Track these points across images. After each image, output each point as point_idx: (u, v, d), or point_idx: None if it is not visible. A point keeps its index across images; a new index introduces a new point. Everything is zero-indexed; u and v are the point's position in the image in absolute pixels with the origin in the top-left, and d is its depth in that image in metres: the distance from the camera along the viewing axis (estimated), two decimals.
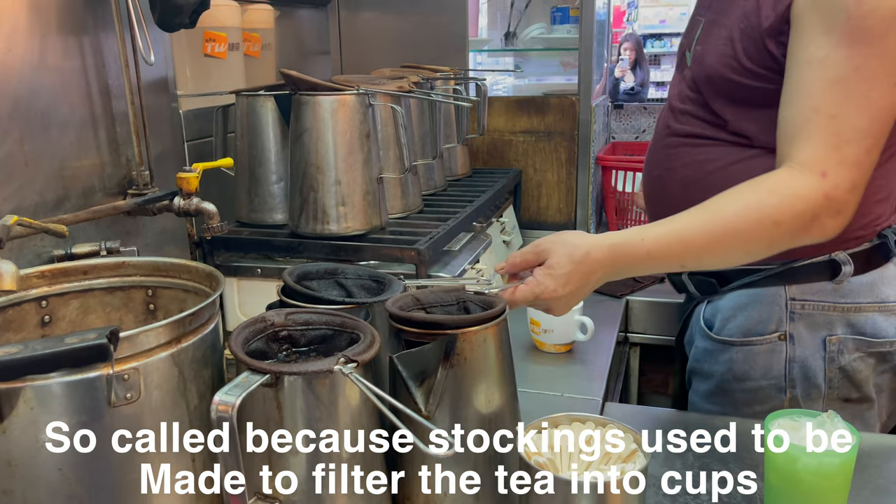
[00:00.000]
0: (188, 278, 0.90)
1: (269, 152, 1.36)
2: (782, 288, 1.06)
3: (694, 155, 1.08)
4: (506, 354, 0.85)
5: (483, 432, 0.79)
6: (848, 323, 1.05)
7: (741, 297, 1.10)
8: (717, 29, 1.03)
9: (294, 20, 1.96)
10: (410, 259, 1.21)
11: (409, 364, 0.77)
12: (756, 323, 1.08)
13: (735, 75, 0.99)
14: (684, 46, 1.16)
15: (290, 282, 0.95)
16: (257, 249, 1.33)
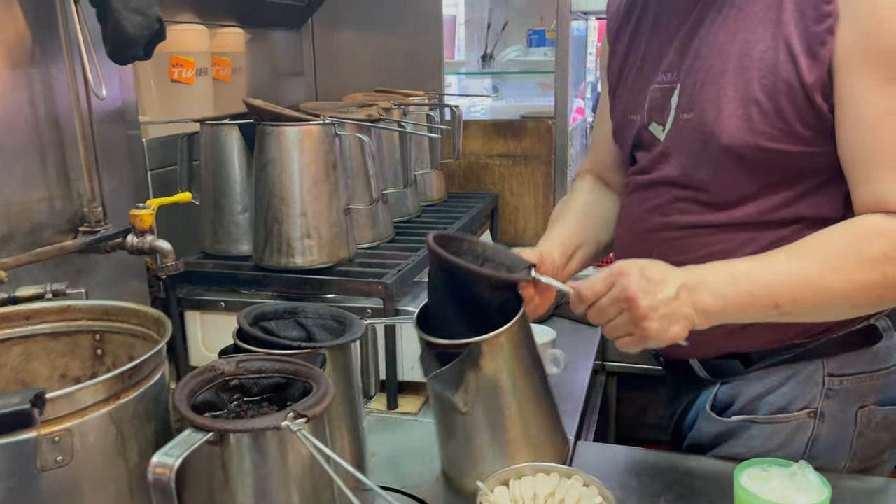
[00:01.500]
0: (137, 323, 0.86)
1: (234, 182, 1.33)
2: (820, 363, 0.97)
3: (710, 243, 0.96)
4: (527, 347, 0.92)
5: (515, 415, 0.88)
6: (879, 390, 0.98)
7: (773, 376, 1.00)
8: (715, 87, 0.91)
9: (266, 43, 1.94)
10: (377, 293, 1.18)
11: (443, 379, 0.87)
12: (788, 401, 0.99)
13: (771, 142, 0.88)
14: (636, 122, 1.02)
15: (245, 325, 0.91)
16: (221, 283, 1.29)
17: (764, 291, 0.81)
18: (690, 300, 0.81)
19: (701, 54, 0.94)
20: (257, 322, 0.97)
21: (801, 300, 0.81)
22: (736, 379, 1.03)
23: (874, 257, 0.80)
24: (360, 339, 0.94)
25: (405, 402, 1.24)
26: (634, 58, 1.06)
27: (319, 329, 0.99)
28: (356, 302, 1.23)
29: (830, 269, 0.81)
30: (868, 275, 0.81)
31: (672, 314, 0.81)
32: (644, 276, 0.81)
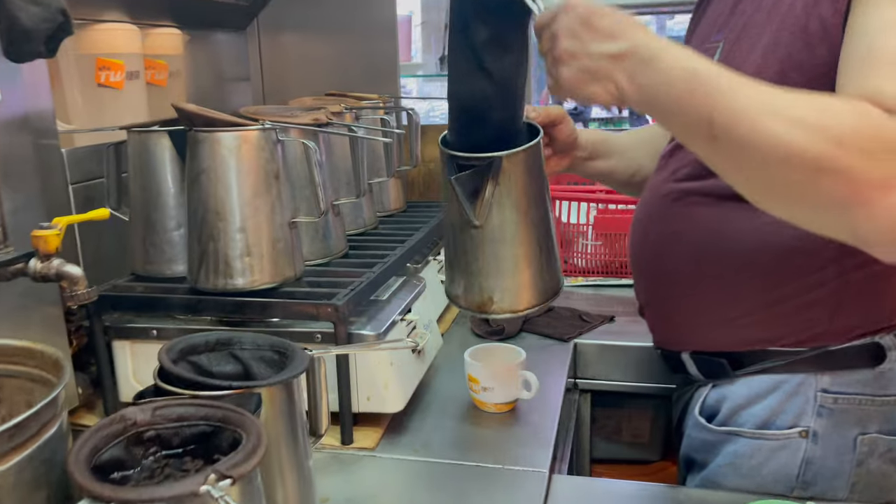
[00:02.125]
0: (34, 365, 0.73)
1: (166, 196, 1.20)
2: (812, 376, 0.90)
3: (711, 217, 0.92)
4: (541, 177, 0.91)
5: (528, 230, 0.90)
6: (886, 419, 0.90)
7: (760, 383, 0.93)
8: (750, 41, 0.87)
9: (208, 45, 1.80)
10: (326, 316, 1.06)
11: (463, 183, 0.87)
12: (774, 414, 0.92)
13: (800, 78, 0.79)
14: None
15: (167, 362, 0.79)
16: (153, 308, 1.15)
17: (710, 98, 0.70)
18: (632, 69, 0.73)
19: (744, 10, 0.90)
20: (184, 357, 0.84)
21: (736, 127, 0.69)
22: (722, 382, 0.97)
23: (843, 126, 0.67)
24: (306, 371, 0.82)
25: (361, 436, 1.12)
26: (697, 26, 1.04)
27: (258, 362, 0.87)
28: (304, 326, 1.10)
29: (786, 110, 0.68)
30: (821, 138, 0.66)
31: (598, 72, 0.74)
32: (585, 20, 0.73)
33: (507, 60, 0.82)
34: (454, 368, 1.36)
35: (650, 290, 1.07)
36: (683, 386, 1.08)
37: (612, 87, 0.74)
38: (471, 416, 1.21)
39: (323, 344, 1.09)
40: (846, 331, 0.88)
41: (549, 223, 0.94)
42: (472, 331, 1.57)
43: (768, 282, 0.90)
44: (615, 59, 0.73)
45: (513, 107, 0.85)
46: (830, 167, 0.66)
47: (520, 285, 0.92)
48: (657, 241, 1.01)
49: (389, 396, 1.12)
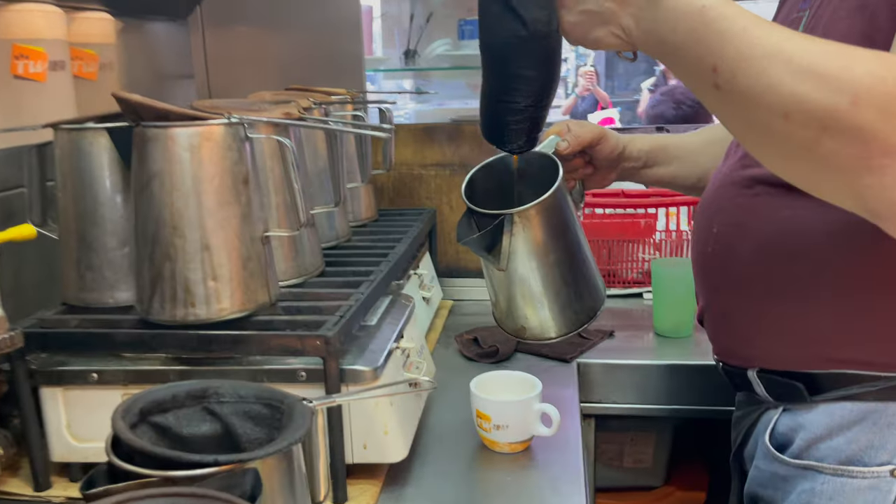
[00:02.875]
0: None
1: (106, 207, 0.98)
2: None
3: (779, 209, 0.79)
4: (561, 214, 0.91)
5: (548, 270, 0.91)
6: None
7: (844, 411, 0.79)
8: (831, 12, 0.75)
9: (145, 35, 1.58)
10: (315, 350, 0.87)
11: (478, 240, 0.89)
12: (862, 449, 0.78)
13: None
14: None
15: (124, 430, 0.58)
16: (92, 346, 0.93)
17: (717, 42, 0.63)
18: (639, 11, 0.68)
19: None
20: (146, 418, 0.64)
21: (740, 76, 0.61)
22: (800, 407, 0.83)
23: (862, 78, 0.56)
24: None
25: (357, 492, 0.93)
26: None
27: (241, 419, 0.68)
28: (284, 363, 0.91)
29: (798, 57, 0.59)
30: (832, 92, 0.57)
31: (602, 13, 0.70)
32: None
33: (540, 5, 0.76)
34: (449, 398, 1.18)
35: (711, 294, 0.92)
36: (748, 406, 0.93)
37: (619, 30, 0.70)
38: (481, 458, 1.03)
39: (309, 383, 0.89)
40: None
41: (577, 257, 0.94)
42: (460, 352, 1.40)
43: (852, 288, 0.77)
44: (619, 2, 0.69)
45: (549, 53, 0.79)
46: (838, 126, 0.57)
47: (547, 318, 0.93)
48: (721, 235, 0.87)
49: (390, 443, 0.93)
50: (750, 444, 0.93)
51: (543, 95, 0.83)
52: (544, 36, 0.78)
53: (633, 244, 1.67)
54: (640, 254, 1.68)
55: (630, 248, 1.68)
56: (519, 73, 0.80)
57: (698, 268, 0.95)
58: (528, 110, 0.83)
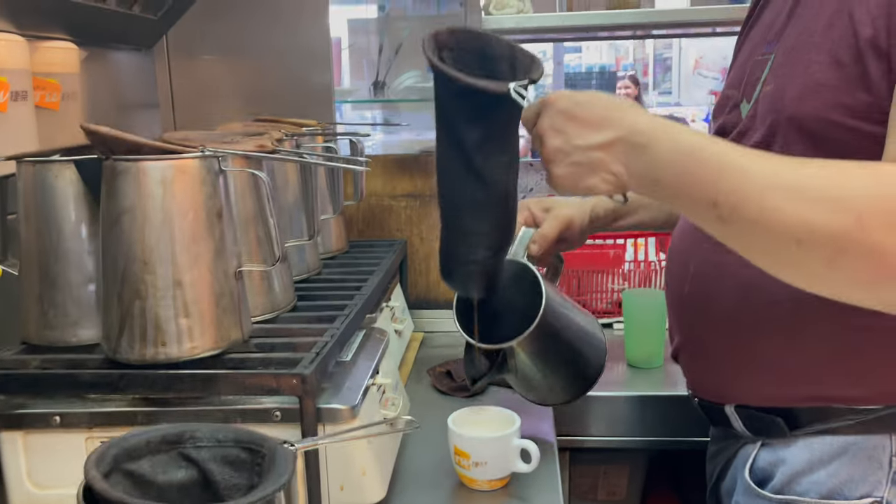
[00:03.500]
0: None
1: (71, 241, 0.95)
2: (887, 438, 0.78)
3: None
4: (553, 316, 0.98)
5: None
6: None
7: (823, 445, 0.80)
8: (802, 54, 0.76)
9: (108, 64, 1.55)
10: (291, 390, 0.84)
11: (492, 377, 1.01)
12: (843, 482, 0.79)
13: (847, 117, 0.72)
14: (732, 99, 0.89)
15: (98, 481, 0.55)
16: (55, 387, 0.89)
17: (711, 179, 0.66)
18: (625, 157, 0.70)
19: (801, 17, 0.79)
20: (118, 466, 0.61)
21: (742, 209, 0.64)
22: (778, 442, 0.84)
23: (860, 198, 0.60)
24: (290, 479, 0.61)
25: None
26: (752, 27, 0.93)
27: (219, 464, 0.65)
28: (258, 403, 0.88)
29: (795, 185, 0.63)
30: (836, 214, 0.60)
31: (591, 163, 0.71)
32: (566, 114, 0.71)
33: (501, 161, 0.78)
34: (425, 434, 1.15)
35: (687, 331, 0.93)
36: (724, 440, 0.93)
37: (610, 175, 0.71)
38: (460, 496, 1.01)
39: (284, 423, 0.87)
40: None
41: (575, 334, 1.04)
42: (433, 386, 1.38)
43: (833, 328, 0.78)
44: (606, 149, 0.70)
45: (507, 212, 0.82)
46: (851, 247, 0.61)
47: (564, 388, 1.09)
48: (698, 276, 0.87)
49: (368, 484, 0.91)
50: (728, 479, 0.93)
51: (500, 248, 0.85)
52: (503, 197, 0.80)
53: (602, 275, 1.68)
54: (610, 284, 1.69)
55: (599, 278, 1.69)
56: (477, 230, 0.81)
57: (674, 307, 0.95)
58: (485, 262, 0.84)
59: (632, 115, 0.70)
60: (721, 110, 0.93)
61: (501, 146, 0.79)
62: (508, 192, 0.82)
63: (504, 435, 1.00)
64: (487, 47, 0.80)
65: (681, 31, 2.42)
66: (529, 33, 1.81)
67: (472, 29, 0.82)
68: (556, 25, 1.71)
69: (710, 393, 0.92)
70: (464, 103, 0.76)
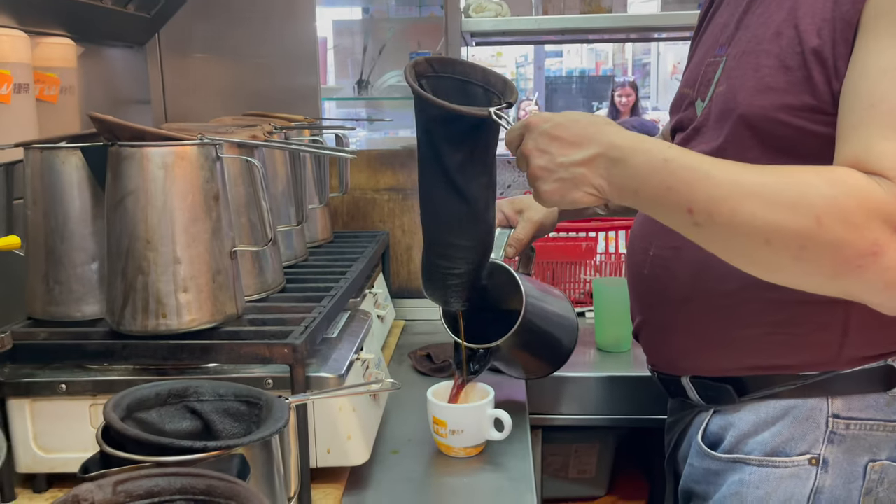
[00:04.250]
0: None
1: (76, 223, 1.01)
2: (824, 401, 0.86)
3: None
4: (534, 309, 1.11)
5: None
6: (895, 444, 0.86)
7: (768, 409, 0.88)
8: (752, 58, 0.83)
9: (103, 60, 1.61)
10: (283, 358, 0.92)
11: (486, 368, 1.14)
12: (784, 441, 0.87)
13: (793, 116, 0.80)
14: (688, 98, 0.97)
15: (116, 420, 0.63)
16: (61, 357, 0.96)
17: (685, 188, 0.72)
18: (606, 171, 0.75)
19: (751, 25, 0.86)
20: (131, 414, 0.68)
21: (716, 215, 0.71)
22: (729, 408, 0.92)
23: (818, 201, 0.68)
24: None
25: (321, 496, 0.97)
26: (705, 31, 1.00)
27: (221, 416, 0.72)
28: (250, 371, 0.96)
29: (760, 192, 0.69)
30: (799, 216, 0.68)
31: (574, 178, 0.76)
32: (548, 134, 0.77)
33: (481, 181, 0.88)
34: (405, 411, 1.24)
35: (647, 311, 1.01)
36: (681, 411, 1.02)
37: (592, 189, 0.76)
38: (438, 462, 1.09)
39: (275, 391, 0.94)
40: (857, 354, 0.85)
41: (552, 325, 1.17)
42: (413, 368, 1.46)
43: (774, 303, 0.86)
44: (587, 164, 0.76)
45: (487, 227, 0.92)
46: (813, 244, 0.68)
47: (532, 370, 1.25)
48: (657, 258, 0.95)
49: (352, 447, 0.99)
50: (683, 446, 1.01)
51: (480, 262, 0.95)
52: (483, 214, 0.89)
53: (575, 266, 1.77)
54: (582, 275, 1.78)
55: (572, 269, 1.77)
56: (458, 245, 0.91)
57: (635, 287, 1.03)
58: (466, 275, 0.95)
59: (608, 132, 0.76)
60: (677, 107, 1.01)
61: (481, 166, 0.88)
62: (488, 208, 0.91)
63: (479, 404, 1.08)
64: (462, 73, 0.90)
65: (654, 35, 2.52)
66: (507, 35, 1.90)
67: (447, 57, 0.91)
68: (532, 28, 1.80)
69: (668, 366, 1.00)
70: (447, 128, 0.84)
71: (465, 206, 0.88)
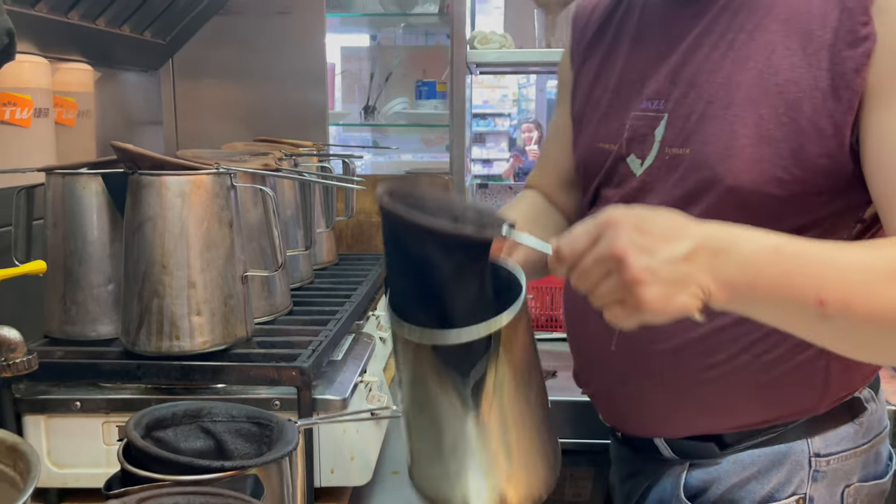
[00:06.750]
0: None
1: (94, 246, 1.05)
2: (805, 443, 0.86)
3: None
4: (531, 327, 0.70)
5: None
6: (863, 465, 0.89)
7: (753, 458, 0.88)
8: (722, 124, 0.79)
9: (117, 84, 1.66)
10: (290, 380, 0.95)
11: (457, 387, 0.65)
12: (773, 488, 0.87)
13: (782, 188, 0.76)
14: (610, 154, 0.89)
15: (138, 438, 0.66)
16: (76, 375, 1.00)
17: (811, 277, 0.64)
18: (710, 265, 0.63)
19: (698, 83, 0.83)
20: (150, 432, 0.72)
21: (852, 304, 0.64)
22: (705, 463, 0.90)
23: None
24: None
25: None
26: (608, 80, 0.94)
27: (233, 436, 0.76)
28: (258, 392, 0.99)
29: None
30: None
31: (680, 279, 0.63)
32: (641, 229, 0.63)
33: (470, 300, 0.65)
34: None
35: (616, 384, 0.92)
36: (644, 462, 0.97)
37: (698, 290, 0.64)
38: None
39: (282, 412, 0.97)
40: (835, 396, 0.87)
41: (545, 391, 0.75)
42: None
43: (762, 366, 0.85)
44: (690, 260, 0.63)
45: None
46: None
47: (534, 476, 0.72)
48: (627, 336, 0.83)
49: (356, 467, 1.02)
50: (651, 498, 0.96)
51: None
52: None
53: None
54: None
55: None
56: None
57: (597, 363, 0.94)
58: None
59: (691, 223, 0.66)
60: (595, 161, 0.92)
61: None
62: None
63: None
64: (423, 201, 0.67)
65: None
66: (510, 66, 1.95)
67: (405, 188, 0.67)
68: (536, 61, 1.86)
69: (639, 430, 0.95)
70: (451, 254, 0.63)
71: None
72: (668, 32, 0.88)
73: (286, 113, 1.82)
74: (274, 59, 1.82)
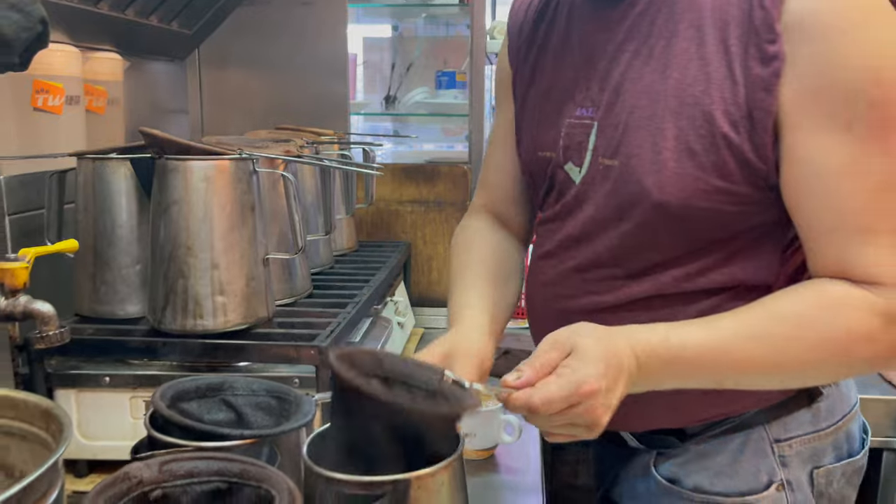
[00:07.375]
0: (13, 416, 0.63)
1: (122, 229, 1.10)
2: (762, 430, 0.88)
3: (659, 309, 0.83)
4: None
5: None
6: (834, 446, 0.90)
7: (718, 453, 0.89)
8: (645, 136, 0.78)
9: (145, 73, 1.70)
10: (310, 359, 0.99)
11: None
12: (749, 479, 0.88)
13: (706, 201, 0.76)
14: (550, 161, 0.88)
15: (164, 408, 0.70)
16: (105, 352, 1.04)
17: (709, 368, 0.75)
18: (632, 387, 0.74)
19: (622, 91, 0.80)
20: (174, 404, 0.75)
21: (747, 374, 0.77)
22: (676, 454, 0.91)
23: (840, 333, 0.73)
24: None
25: None
26: (541, 82, 0.91)
27: (253, 409, 0.79)
28: (278, 370, 1.03)
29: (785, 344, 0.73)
30: (829, 352, 0.74)
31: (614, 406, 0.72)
32: (609, 390, 0.70)
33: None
34: None
35: None
36: (616, 456, 0.99)
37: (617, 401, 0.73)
38: None
39: (301, 390, 1.01)
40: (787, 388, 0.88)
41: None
42: None
43: None
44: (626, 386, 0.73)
45: None
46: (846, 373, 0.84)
47: None
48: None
49: None
50: (624, 485, 0.98)
51: None
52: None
53: None
54: None
55: None
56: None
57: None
58: None
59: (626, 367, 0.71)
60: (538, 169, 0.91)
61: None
62: None
63: (492, 409, 1.14)
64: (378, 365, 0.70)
65: None
66: None
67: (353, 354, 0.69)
68: None
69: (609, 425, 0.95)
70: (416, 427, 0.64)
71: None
72: (595, 36, 0.84)
73: (308, 102, 1.85)
74: (297, 49, 1.85)
